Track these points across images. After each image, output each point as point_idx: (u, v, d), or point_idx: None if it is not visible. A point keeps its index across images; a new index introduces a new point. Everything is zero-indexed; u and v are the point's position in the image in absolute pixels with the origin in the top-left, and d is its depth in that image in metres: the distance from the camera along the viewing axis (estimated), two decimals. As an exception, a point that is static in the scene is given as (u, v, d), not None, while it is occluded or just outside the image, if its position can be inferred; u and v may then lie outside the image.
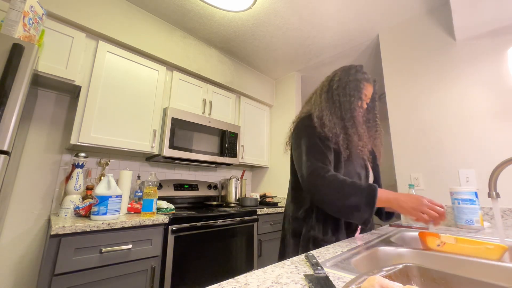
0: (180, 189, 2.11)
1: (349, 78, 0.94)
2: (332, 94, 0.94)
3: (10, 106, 0.94)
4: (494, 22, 1.46)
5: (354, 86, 0.92)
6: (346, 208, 0.74)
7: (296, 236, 0.89)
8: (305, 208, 0.89)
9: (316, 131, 0.86)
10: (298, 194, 0.93)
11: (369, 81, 0.96)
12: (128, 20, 1.82)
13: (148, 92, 1.83)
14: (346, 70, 0.96)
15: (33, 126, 1.56)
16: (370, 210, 0.72)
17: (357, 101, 0.91)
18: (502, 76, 1.44)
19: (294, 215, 0.92)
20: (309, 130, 0.87)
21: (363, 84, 0.94)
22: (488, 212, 1.35)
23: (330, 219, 0.85)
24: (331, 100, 0.93)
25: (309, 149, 0.84)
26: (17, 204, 1.45)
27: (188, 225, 1.54)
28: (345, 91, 0.92)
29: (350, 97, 0.91)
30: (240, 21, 2.04)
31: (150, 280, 1.33)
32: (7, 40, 0.99)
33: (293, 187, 0.96)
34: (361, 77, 0.94)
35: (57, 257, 1.07)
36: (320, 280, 0.43)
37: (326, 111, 0.89)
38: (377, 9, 1.85)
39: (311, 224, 0.86)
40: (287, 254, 0.91)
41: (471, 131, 1.50)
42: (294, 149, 0.90)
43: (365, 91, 0.94)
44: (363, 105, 0.95)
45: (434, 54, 1.72)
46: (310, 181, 0.79)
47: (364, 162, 0.93)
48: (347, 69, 0.97)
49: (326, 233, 0.83)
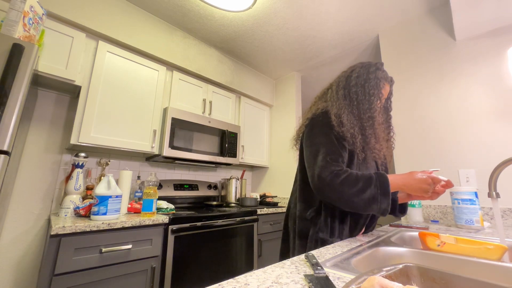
0: (180, 189, 2.11)
1: (369, 76, 0.89)
2: (349, 91, 0.89)
3: (10, 106, 0.94)
4: (494, 22, 1.46)
5: (374, 84, 0.88)
6: (365, 203, 0.73)
7: (303, 237, 0.85)
8: (314, 208, 0.85)
9: (333, 129, 0.82)
10: (307, 193, 0.89)
11: (388, 80, 0.93)
12: (128, 20, 1.82)
13: (148, 92, 1.83)
14: (366, 67, 0.91)
15: (33, 126, 1.56)
16: (387, 199, 0.72)
17: (376, 100, 0.87)
18: (502, 76, 1.44)
19: (301, 215, 0.89)
20: (326, 128, 0.83)
21: (382, 83, 0.89)
22: (488, 212, 1.35)
23: (337, 220, 0.83)
24: (348, 97, 0.88)
25: (325, 148, 0.80)
26: (17, 204, 1.45)
27: (188, 225, 1.54)
28: (364, 90, 0.87)
29: (369, 96, 0.87)
30: (240, 21, 2.04)
31: (150, 280, 1.33)
32: (7, 40, 0.98)
33: (301, 185, 0.91)
34: (381, 75, 0.90)
35: (57, 257, 1.07)
36: (320, 280, 0.43)
37: (344, 109, 0.85)
38: (377, 9, 1.85)
39: (319, 225, 0.83)
40: (291, 255, 0.88)
41: (471, 131, 1.50)
42: (307, 146, 0.85)
43: (383, 90, 0.90)
44: (381, 105, 0.91)
45: (434, 54, 1.72)
46: (324, 181, 0.75)
47: (376, 166, 0.92)
48: (366, 66, 0.92)
49: (333, 235, 0.81)
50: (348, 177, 0.74)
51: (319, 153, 0.80)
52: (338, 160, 0.78)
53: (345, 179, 0.73)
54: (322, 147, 0.80)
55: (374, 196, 0.72)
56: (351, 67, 0.96)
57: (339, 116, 0.83)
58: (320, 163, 0.78)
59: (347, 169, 0.77)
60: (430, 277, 0.46)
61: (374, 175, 0.75)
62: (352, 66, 0.96)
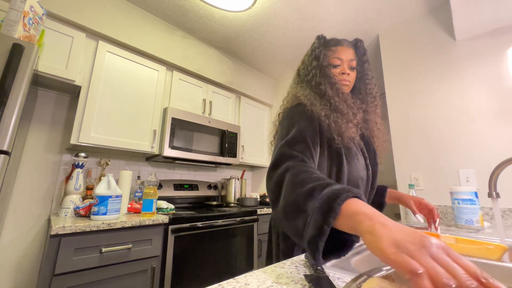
0: (180, 189, 2.11)
1: (310, 53, 0.83)
2: (299, 73, 0.85)
3: (10, 106, 0.94)
4: (494, 22, 1.46)
5: (315, 57, 0.80)
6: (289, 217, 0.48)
7: (286, 240, 0.75)
8: None
9: (312, 121, 0.70)
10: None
11: (342, 43, 0.82)
12: (128, 20, 1.82)
13: (148, 92, 1.83)
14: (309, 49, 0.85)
15: (33, 126, 1.56)
16: (319, 226, 0.39)
17: (318, 69, 0.78)
18: (502, 76, 1.44)
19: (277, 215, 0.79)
20: (303, 115, 0.71)
21: (329, 50, 0.81)
22: (488, 212, 1.35)
23: None
24: (301, 79, 0.82)
25: (295, 133, 0.66)
26: (17, 204, 1.45)
27: (188, 225, 1.54)
28: (308, 67, 0.81)
29: (312, 68, 0.79)
30: (240, 21, 2.04)
31: (150, 280, 1.33)
32: (7, 40, 0.99)
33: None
34: (319, 44, 0.82)
35: (57, 257, 1.07)
36: (320, 280, 0.43)
37: (309, 95, 0.75)
38: (377, 9, 1.85)
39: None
40: (274, 257, 0.77)
41: (471, 131, 1.50)
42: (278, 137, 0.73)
43: (336, 55, 0.80)
44: (336, 75, 0.79)
45: (434, 54, 1.72)
46: (275, 169, 0.59)
47: (365, 162, 0.79)
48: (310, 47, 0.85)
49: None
50: (298, 171, 0.53)
51: (281, 139, 0.68)
52: (302, 149, 0.63)
53: (294, 173, 0.53)
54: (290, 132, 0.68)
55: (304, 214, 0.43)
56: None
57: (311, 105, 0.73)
58: (278, 150, 0.64)
59: (310, 166, 0.58)
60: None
61: (333, 186, 0.44)
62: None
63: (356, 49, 0.85)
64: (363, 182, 0.75)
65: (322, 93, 0.75)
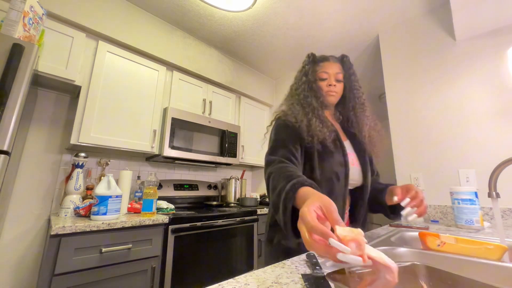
0: (180, 189, 2.11)
1: (301, 69, 0.95)
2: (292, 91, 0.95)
3: (10, 106, 0.94)
4: (494, 22, 1.46)
5: (300, 70, 0.94)
6: (273, 207, 0.64)
7: (270, 245, 0.83)
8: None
9: (289, 128, 0.82)
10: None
11: (328, 59, 0.94)
12: (128, 20, 1.82)
13: (148, 92, 1.83)
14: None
15: (33, 126, 1.56)
16: (284, 216, 0.56)
17: (306, 84, 0.90)
18: (502, 76, 1.44)
19: (269, 220, 0.87)
20: (283, 126, 0.84)
21: (317, 66, 0.93)
22: (488, 212, 1.35)
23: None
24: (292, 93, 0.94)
25: (275, 142, 0.80)
26: (17, 204, 1.45)
27: (188, 225, 1.54)
28: (299, 82, 0.93)
29: (299, 81, 0.92)
30: (240, 21, 2.04)
31: (150, 280, 1.33)
32: (7, 40, 0.99)
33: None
34: (308, 61, 0.94)
35: (57, 257, 1.07)
36: (316, 280, 0.43)
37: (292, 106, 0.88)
38: (377, 9, 1.85)
39: (283, 232, 0.76)
40: (265, 262, 0.82)
41: (471, 131, 1.50)
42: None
43: (324, 70, 0.92)
44: (321, 86, 0.91)
45: (434, 54, 1.72)
46: (264, 175, 0.74)
47: (344, 158, 0.83)
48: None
49: (299, 243, 0.73)
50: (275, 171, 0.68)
51: (268, 148, 0.82)
52: (284, 154, 0.75)
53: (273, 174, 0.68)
54: (273, 142, 0.82)
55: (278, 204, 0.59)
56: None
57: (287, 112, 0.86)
58: (265, 158, 0.78)
59: (286, 164, 0.71)
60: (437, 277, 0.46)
61: (294, 178, 0.59)
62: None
63: (343, 64, 0.96)
64: (337, 177, 0.80)
65: (308, 104, 0.86)
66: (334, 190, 0.79)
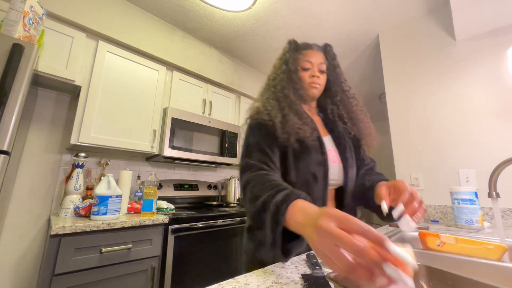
0: (180, 189, 2.11)
1: (281, 57, 0.86)
2: (269, 81, 0.87)
3: (10, 106, 0.94)
4: (494, 22, 1.46)
5: (285, 61, 0.83)
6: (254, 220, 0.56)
7: (246, 254, 0.75)
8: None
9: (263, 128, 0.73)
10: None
11: (312, 47, 0.85)
12: (128, 20, 1.82)
13: (148, 92, 1.83)
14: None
15: (33, 126, 1.56)
16: (272, 232, 0.47)
17: (291, 73, 0.81)
18: (502, 76, 1.44)
19: (247, 227, 0.79)
20: (256, 127, 0.75)
21: (300, 54, 0.84)
22: (488, 212, 1.35)
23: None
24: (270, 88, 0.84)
25: (249, 147, 0.72)
26: (17, 204, 1.45)
27: (188, 225, 1.54)
28: (277, 71, 0.84)
29: (277, 70, 0.84)
30: (240, 21, 2.04)
31: (150, 280, 1.33)
32: (7, 40, 0.99)
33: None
34: (288, 48, 0.85)
35: (57, 257, 1.07)
36: (316, 280, 0.43)
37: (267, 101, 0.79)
38: (377, 9, 1.85)
39: (257, 241, 0.70)
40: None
41: (471, 131, 1.50)
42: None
43: (307, 58, 0.82)
44: (303, 76, 0.82)
45: (434, 54, 1.72)
46: (240, 181, 0.67)
47: (323, 156, 0.73)
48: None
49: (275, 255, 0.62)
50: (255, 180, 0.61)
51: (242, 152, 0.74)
52: (260, 158, 0.68)
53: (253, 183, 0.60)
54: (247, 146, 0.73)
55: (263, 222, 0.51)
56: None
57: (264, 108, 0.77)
58: (240, 163, 0.71)
59: (266, 172, 0.64)
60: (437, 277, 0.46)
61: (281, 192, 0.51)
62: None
63: (326, 54, 0.87)
64: (315, 178, 0.71)
65: (284, 97, 0.77)
66: (312, 193, 0.70)
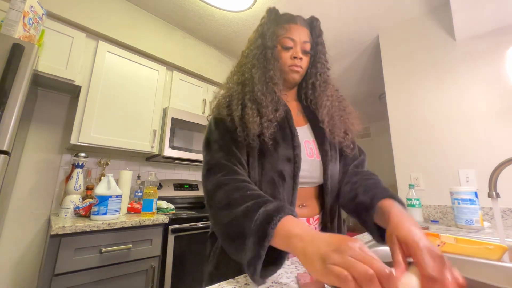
0: (180, 189, 2.11)
1: (257, 29, 0.71)
2: (241, 59, 0.71)
3: (10, 106, 0.94)
4: (494, 22, 1.46)
5: (261, 34, 0.69)
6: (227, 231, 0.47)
7: (206, 260, 0.68)
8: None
9: (223, 125, 0.63)
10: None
11: (295, 21, 0.70)
12: (128, 20, 1.82)
13: (148, 92, 1.83)
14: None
15: (33, 126, 1.56)
16: (257, 246, 0.40)
17: (265, 51, 0.66)
18: (502, 76, 1.44)
19: (209, 234, 0.71)
20: (216, 125, 0.65)
21: (281, 28, 0.69)
22: (488, 212, 1.35)
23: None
24: (240, 68, 0.70)
25: (214, 144, 0.62)
26: (17, 204, 1.45)
27: (188, 225, 1.54)
28: (251, 45, 0.69)
29: (254, 48, 0.67)
30: (240, 21, 2.04)
31: (150, 280, 1.33)
32: (7, 40, 0.99)
33: None
34: (272, 18, 0.71)
35: (57, 257, 1.07)
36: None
37: (231, 88, 0.67)
38: (377, 9, 1.85)
39: (218, 246, 0.63)
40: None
41: (471, 131, 1.50)
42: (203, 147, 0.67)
43: (289, 35, 0.68)
44: (283, 57, 0.67)
45: (434, 54, 1.72)
46: (204, 184, 0.57)
47: (293, 152, 0.62)
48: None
49: (227, 267, 0.56)
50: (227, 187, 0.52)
51: (204, 150, 0.64)
52: (227, 157, 0.58)
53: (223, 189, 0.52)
54: (211, 142, 0.63)
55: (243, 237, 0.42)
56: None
57: (220, 101, 0.66)
58: (204, 161, 0.62)
59: (238, 177, 0.54)
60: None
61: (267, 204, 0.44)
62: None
63: (312, 30, 0.73)
64: (282, 177, 0.60)
65: (251, 78, 0.64)
66: (278, 194, 0.58)
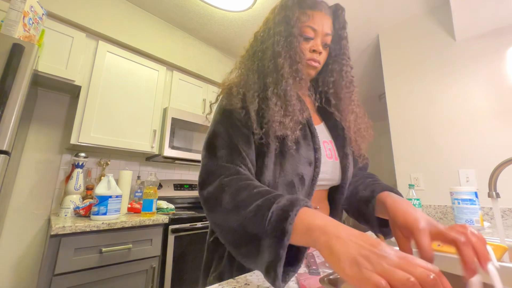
0: (180, 189, 2.11)
1: (279, 12, 0.59)
2: (256, 44, 0.62)
3: (10, 106, 0.94)
4: (494, 22, 1.46)
5: (285, 18, 0.58)
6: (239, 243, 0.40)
7: (206, 269, 0.61)
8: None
9: (234, 117, 0.54)
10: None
11: (320, 7, 0.59)
12: (128, 20, 1.82)
13: (148, 92, 1.83)
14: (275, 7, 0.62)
15: (33, 126, 1.56)
16: (274, 252, 0.34)
17: (290, 38, 0.56)
18: (502, 76, 1.44)
19: (207, 240, 0.66)
20: (223, 115, 0.56)
21: (303, 15, 0.58)
22: (488, 212, 1.35)
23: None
24: (256, 53, 0.61)
25: (219, 139, 0.54)
26: (17, 204, 1.45)
27: (188, 225, 1.54)
28: (271, 30, 0.59)
29: (276, 34, 0.57)
30: (240, 21, 2.04)
31: (150, 280, 1.33)
32: (7, 40, 0.99)
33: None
34: (296, 2, 0.59)
35: (57, 257, 1.07)
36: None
37: (246, 75, 0.58)
38: (377, 9, 1.85)
39: (222, 255, 0.57)
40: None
41: (471, 131, 1.50)
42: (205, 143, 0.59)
43: (310, 24, 0.58)
44: (303, 48, 0.58)
45: (434, 54, 1.72)
46: (203, 190, 0.49)
47: (314, 155, 0.56)
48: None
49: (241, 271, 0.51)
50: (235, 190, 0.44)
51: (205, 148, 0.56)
52: (232, 159, 0.50)
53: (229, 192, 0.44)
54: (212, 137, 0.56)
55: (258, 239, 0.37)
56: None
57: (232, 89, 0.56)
58: (203, 162, 0.54)
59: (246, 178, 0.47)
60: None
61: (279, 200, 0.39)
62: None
63: (335, 19, 0.64)
64: (302, 181, 0.55)
65: (275, 69, 0.55)
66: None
